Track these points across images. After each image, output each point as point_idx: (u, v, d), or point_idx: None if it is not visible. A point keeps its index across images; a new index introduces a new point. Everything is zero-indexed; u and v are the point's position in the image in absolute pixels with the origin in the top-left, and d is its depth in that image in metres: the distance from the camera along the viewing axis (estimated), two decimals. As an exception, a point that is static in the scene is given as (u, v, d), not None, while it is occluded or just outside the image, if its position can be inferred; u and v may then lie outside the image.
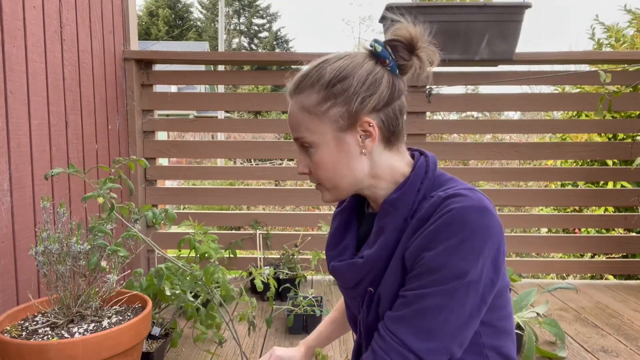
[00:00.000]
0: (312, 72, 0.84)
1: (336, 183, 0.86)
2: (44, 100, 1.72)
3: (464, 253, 0.72)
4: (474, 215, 0.74)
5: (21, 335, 1.19)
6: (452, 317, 0.72)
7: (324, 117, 0.82)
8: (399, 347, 0.73)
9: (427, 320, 0.72)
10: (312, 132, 0.83)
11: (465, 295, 0.72)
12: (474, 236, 0.73)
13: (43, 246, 1.25)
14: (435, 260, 0.73)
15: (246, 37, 35.51)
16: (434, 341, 0.72)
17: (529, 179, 2.83)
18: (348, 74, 0.81)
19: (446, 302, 0.72)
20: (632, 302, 2.26)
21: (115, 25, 2.32)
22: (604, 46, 3.63)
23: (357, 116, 0.81)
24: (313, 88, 0.83)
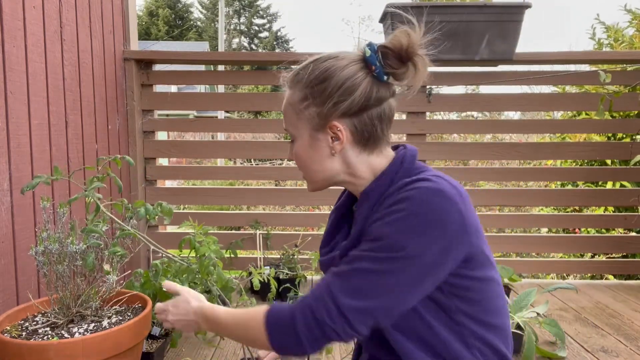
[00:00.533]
0: (303, 70, 0.88)
1: (309, 176, 0.92)
2: (44, 100, 1.72)
3: (405, 228, 0.74)
4: (427, 196, 0.75)
5: (21, 335, 1.19)
6: (381, 283, 0.74)
7: (302, 114, 0.87)
8: (328, 298, 0.76)
9: (357, 280, 0.75)
10: (293, 126, 0.90)
11: (398, 267, 0.74)
12: (422, 215, 0.74)
13: (43, 246, 1.25)
14: (379, 230, 0.76)
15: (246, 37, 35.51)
16: (360, 300, 0.74)
17: (529, 179, 2.83)
18: (329, 76, 0.84)
19: (377, 268, 0.74)
20: (632, 302, 2.26)
21: (115, 25, 2.32)
22: (604, 46, 3.63)
23: (328, 119, 0.85)
24: (300, 85, 0.88)
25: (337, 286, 0.76)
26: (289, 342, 0.79)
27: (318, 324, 0.76)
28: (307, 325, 0.76)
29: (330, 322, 0.75)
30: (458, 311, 0.79)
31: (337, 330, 0.75)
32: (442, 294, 0.78)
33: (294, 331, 0.77)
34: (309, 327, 0.76)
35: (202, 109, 2.73)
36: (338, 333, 0.75)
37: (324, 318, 0.75)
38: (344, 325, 0.75)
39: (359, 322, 0.75)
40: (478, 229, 0.80)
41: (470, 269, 0.79)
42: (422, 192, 0.76)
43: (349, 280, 0.76)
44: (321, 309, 0.76)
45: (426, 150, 2.55)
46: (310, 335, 0.76)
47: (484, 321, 0.81)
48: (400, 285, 0.74)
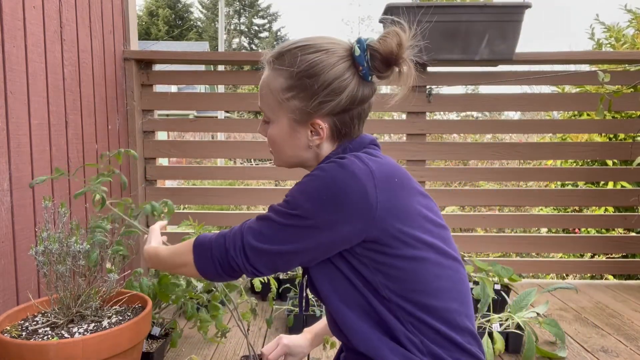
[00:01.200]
0: (289, 54, 0.87)
1: (279, 157, 0.95)
2: (44, 100, 1.72)
3: (305, 191, 0.81)
4: (334, 171, 0.80)
5: (21, 335, 1.19)
6: (278, 233, 0.82)
7: (284, 103, 0.88)
8: (238, 234, 0.85)
9: (263, 226, 0.83)
10: (271, 110, 0.91)
11: (291, 223, 0.80)
12: (322, 184, 0.79)
13: (43, 246, 1.25)
14: (290, 190, 0.84)
15: (246, 37, 35.51)
16: (259, 242, 0.82)
17: (529, 179, 2.83)
18: (317, 72, 0.84)
19: (277, 219, 0.82)
20: (632, 302, 2.26)
21: (115, 25, 2.32)
22: (604, 46, 3.63)
23: (311, 116, 0.86)
24: (283, 72, 0.87)
25: (248, 227, 0.85)
26: (208, 266, 0.88)
27: (226, 253, 0.85)
28: (219, 251, 0.86)
29: (233, 254, 0.84)
30: (384, 287, 0.81)
31: (238, 262, 0.84)
32: (367, 268, 0.81)
33: (211, 255, 0.87)
34: (220, 254, 0.86)
35: (202, 109, 2.73)
36: (238, 265, 0.85)
37: (229, 249, 0.85)
38: (244, 259, 0.84)
39: (257, 260, 0.83)
40: (404, 212, 0.81)
41: (388, 246, 0.80)
42: (331, 166, 0.80)
43: (258, 224, 0.84)
44: (230, 241, 0.85)
45: (426, 150, 2.55)
46: (222, 261, 0.86)
47: (414, 300, 0.81)
48: (293, 238, 0.81)
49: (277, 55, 0.89)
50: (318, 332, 1.22)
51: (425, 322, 0.81)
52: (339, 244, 0.81)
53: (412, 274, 0.81)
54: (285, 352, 1.18)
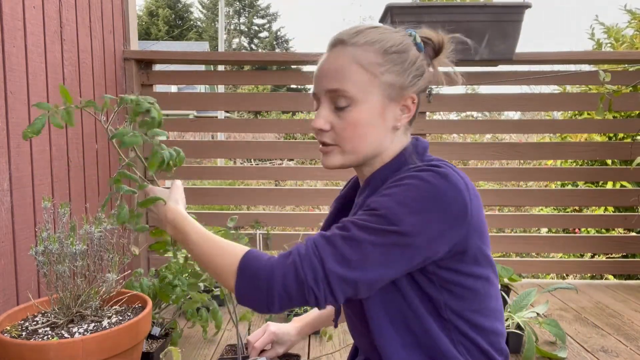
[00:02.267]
0: (369, 32, 0.82)
1: (357, 147, 0.82)
2: (44, 100, 1.72)
3: (404, 202, 0.71)
4: (432, 178, 0.73)
5: (21, 335, 1.19)
6: (371, 256, 0.71)
7: (378, 78, 0.80)
8: (315, 260, 0.72)
9: (347, 248, 0.71)
10: (360, 88, 0.80)
11: (390, 241, 0.71)
12: (423, 194, 0.72)
13: (43, 246, 1.25)
14: (377, 202, 0.74)
15: (246, 37, 35.51)
16: (348, 270, 0.71)
17: (529, 179, 2.83)
18: (405, 49, 0.82)
19: (369, 239, 0.71)
20: (632, 302, 2.26)
21: (115, 25, 2.32)
22: (604, 46, 3.63)
23: (406, 91, 0.82)
24: (372, 46, 0.81)
25: (326, 250, 0.72)
26: (257, 295, 0.73)
27: (299, 284, 0.72)
28: (285, 281, 0.72)
29: (313, 284, 0.71)
30: (446, 307, 0.78)
31: (317, 294, 0.71)
32: (434, 286, 0.77)
33: (268, 285, 0.72)
34: (287, 285, 0.72)
35: (202, 109, 2.73)
36: (317, 297, 0.72)
37: (307, 279, 0.71)
38: (326, 290, 0.71)
39: (341, 290, 0.72)
40: (482, 228, 0.78)
41: (464, 263, 0.77)
42: (428, 173, 0.73)
43: (339, 246, 0.72)
44: (307, 269, 0.71)
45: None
46: (285, 293, 0.72)
47: (472, 321, 0.80)
48: (389, 261, 0.71)
49: (356, 33, 0.82)
50: (308, 322, 1.16)
51: (476, 344, 0.80)
52: (429, 260, 0.74)
53: (476, 293, 0.80)
54: (272, 340, 1.12)
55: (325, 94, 0.82)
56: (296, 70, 3.09)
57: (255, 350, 1.11)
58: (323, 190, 2.63)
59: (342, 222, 0.76)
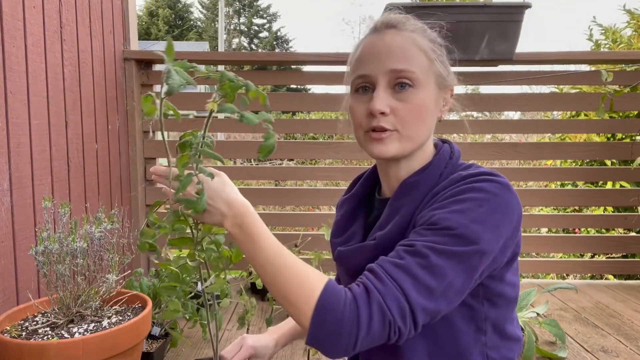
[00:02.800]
0: (413, 21, 0.83)
1: (417, 132, 0.79)
2: (44, 100, 1.72)
3: (480, 218, 0.68)
4: (498, 189, 0.71)
5: (21, 335, 1.19)
6: (456, 283, 0.67)
7: (432, 64, 0.80)
8: (398, 294, 0.65)
9: (431, 279, 0.66)
10: (422, 71, 0.78)
11: (471, 263, 0.67)
12: (493, 207, 0.69)
13: (43, 246, 1.25)
14: (451, 218, 0.68)
15: (246, 37, 35.51)
16: (432, 301, 0.66)
17: (529, 179, 2.83)
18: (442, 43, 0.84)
19: (455, 266, 0.66)
20: (632, 302, 2.26)
21: (115, 25, 2.32)
22: (601, 47, 3.64)
23: (447, 83, 0.83)
24: (423, 33, 0.81)
25: (407, 282, 0.66)
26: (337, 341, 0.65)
27: (386, 326, 0.65)
28: (371, 325, 0.65)
29: (401, 323, 0.65)
30: (485, 318, 0.76)
31: (403, 331, 0.66)
32: (477, 298, 0.75)
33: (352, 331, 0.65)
34: (373, 329, 0.65)
35: (202, 109, 2.73)
36: (401, 334, 0.66)
37: (396, 320, 0.65)
38: (412, 326, 0.66)
39: (423, 321, 0.67)
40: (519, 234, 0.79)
41: (509, 272, 0.77)
42: (492, 185, 0.71)
43: (419, 276, 0.66)
44: (394, 309, 0.65)
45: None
46: (369, 337, 0.65)
47: (503, 331, 0.79)
48: (470, 283, 0.69)
49: (405, 19, 0.82)
50: (284, 333, 1.09)
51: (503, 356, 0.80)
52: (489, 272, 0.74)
53: (509, 301, 0.79)
54: (250, 355, 1.05)
55: (386, 74, 0.77)
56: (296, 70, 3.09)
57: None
58: (323, 190, 2.63)
59: (414, 245, 0.69)
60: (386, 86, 0.78)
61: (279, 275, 0.69)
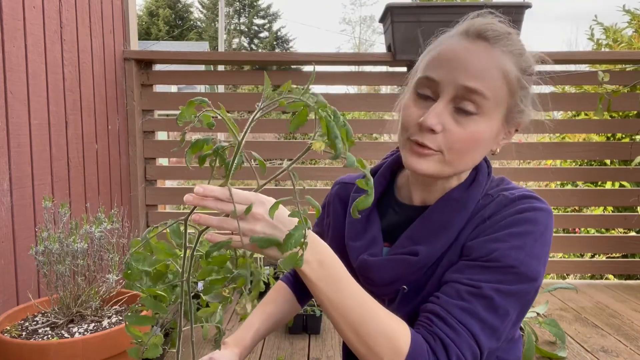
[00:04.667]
0: (512, 39, 0.73)
1: (461, 162, 0.73)
2: (44, 100, 1.72)
3: (538, 254, 0.69)
4: (544, 219, 0.71)
5: (21, 335, 1.19)
6: (513, 317, 0.69)
7: (511, 96, 0.71)
8: (471, 340, 0.66)
9: (496, 319, 0.67)
10: (495, 99, 0.70)
11: (530, 298, 0.69)
12: (544, 240, 0.70)
13: (43, 246, 1.25)
14: (512, 255, 0.67)
15: (246, 37, 35.52)
16: (494, 340, 0.68)
17: (529, 179, 2.83)
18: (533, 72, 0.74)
19: (515, 303, 0.68)
20: (632, 302, 2.26)
21: (115, 25, 2.32)
22: (602, 47, 3.64)
23: (520, 118, 0.75)
24: (515, 58, 0.72)
25: (475, 327, 0.66)
26: None
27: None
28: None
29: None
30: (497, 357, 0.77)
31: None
32: None
33: None
34: None
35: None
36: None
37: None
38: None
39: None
40: None
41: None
42: (541, 213, 0.71)
43: (486, 319, 0.67)
44: (469, 356, 0.66)
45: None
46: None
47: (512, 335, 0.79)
48: (521, 315, 0.71)
49: (501, 36, 0.73)
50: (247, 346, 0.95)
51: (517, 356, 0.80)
52: None
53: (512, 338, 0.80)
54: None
55: (454, 87, 0.69)
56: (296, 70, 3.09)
57: None
58: (323, 191, 2.63)
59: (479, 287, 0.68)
60: (449, 101, 0.70)
61: (364, 325, 0.65)
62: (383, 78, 2.57)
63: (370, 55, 2.77)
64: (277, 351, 1.73)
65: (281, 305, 1.00)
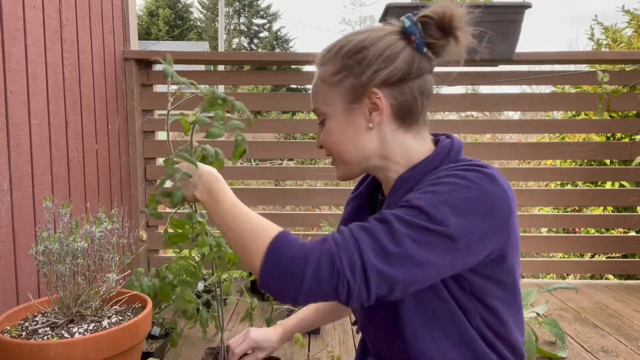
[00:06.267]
0: (336, 44, 0.84)
1: (343, 157, 0.84)
2: (44, 100, 1.72)
3: (452, 203, 0.68)
4: (480, 179, 0.70)
5: (21, 335, 1.19)
6: (416, 255, 0.66)
7: (336, 87, 0.81)
8: (353, 250, 0.67)
9: (390, 243, 0.66)
10: (326, 103, 0.83)
11: (433, 242, 0.67)
12: (472, 194, 0.69)
13: (43, 246, 1.25)
14: (420, 198, 0.69)
15: (246, 37, 35.52)
16: (386, 265, 0.66)
17: (529, 179, 2.83)
18: (367, 46, 0.79)
19: (417, 238, 0.67)
20: (632, 302, 2.26)
21: (115, 25, 2.32)
22: (602, 46, 3.64)
23: (367, 87, 0.79)
24: (334, 59, 0.82)
25: (365, 240, 0.67)
26: (285, 281, 0.68)
27: (334, 273, 0.66)
28: (319, 267, 0.66)
29: (350, 275, 0.66)
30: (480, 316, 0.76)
31: (352, 285, 0.66)
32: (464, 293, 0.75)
33: (299, 270, 0.67)
34: (320, 271, 0.66)
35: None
36: (350, 288, 0.66)
37: (344, 269, 0.66)
38: (362, 282, 0.66)
39: (376, 285, 0.66)
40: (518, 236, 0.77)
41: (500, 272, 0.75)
42: (475, 174, 0.71)
43: (379, 238, 0.67)
44: (344, 257, 0.66)
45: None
46: (316, 280, 0.66)
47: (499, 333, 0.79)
48: (430, 262, 0.67)
49: (324, 52, 0.85)
50: (289, 328, 1.18)
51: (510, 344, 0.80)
52: (469, 265, 0.72)
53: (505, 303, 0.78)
54: (251, 346, 1.16)
55: (314, 113, 0.87)
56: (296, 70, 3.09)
57: (235, 356, 1.15)
58: (323, 190, 2.63)
59: (382, 214, 0.71)
60: (319, 122, 0.87)
61: (239, 229, 0.76)
62: (383, 78, 2.57)
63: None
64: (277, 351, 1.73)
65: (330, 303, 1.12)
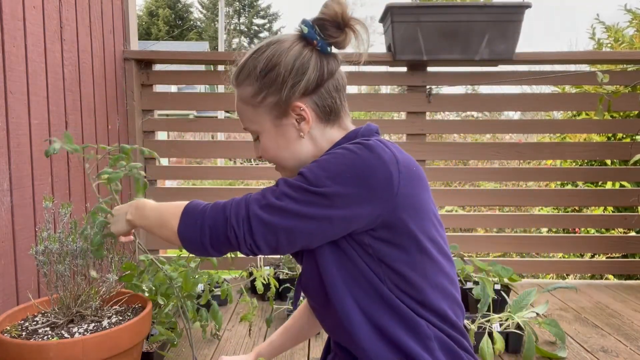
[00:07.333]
0: (247, 64, 0.88)
1: (283, 165, 0.91)
2: (44, 100, 1.72)
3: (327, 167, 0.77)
4: (359, 150, 0.77)
5: (21, 335, 1.19)
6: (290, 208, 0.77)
7: (260, 107, 0.87)
8: (242, 204, 0.80)
9: (272, 198, 0.78)
10: (253, 122, 0.89)
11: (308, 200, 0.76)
12: (347, 162, 0.76)
13: (43, 246, 1.25)
14: (307, 167, 0.80)
15: (246, 37, 35.51)
16: (266, 213, 0.78)
17: (529, 179, 2.83)
18: (276, 63, 0.85)
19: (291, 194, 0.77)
20: (632, 302, 2.26)
21: (115, 25, 2.32)
22: (604, 46, 3.64)
23: (289, 103, 0.85)
24: (248, 80, 0.88)
25: (254, 197, 0.80)
26: (193, 234, 0.82)
27: (224, 222, 0.79)
28: (214, 220, 0.80)
29: (235, 223, 0.79)
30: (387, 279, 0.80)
31: (238, 233, 0.78)
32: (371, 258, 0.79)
33: (201, 223, 0.81)
34: (215, 223, 0.80)
35: (202, 109, 2.73)
36: (237, 236, 0.78)
37: (230, 217, 0.79)
38: (246, 231, 0.78)
39: (260, 234, 0.78)
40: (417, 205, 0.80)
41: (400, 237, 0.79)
42: (355, 145, 0.78)
43: (265, 196, 0.79)
44: (232, 209, 0.80)
45: (426, 150, 2.55)
46: (214, 231, 0.80)
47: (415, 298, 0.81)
48: (306, 215, 0.76)
49: (237, 73, 0.90)
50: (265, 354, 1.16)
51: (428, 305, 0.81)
52: (352, 225, 0.78)
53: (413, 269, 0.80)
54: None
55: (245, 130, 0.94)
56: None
57: None
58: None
59: (277, 180, 0.83)
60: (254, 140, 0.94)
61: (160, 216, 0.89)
62: (383, 78, 2.57)
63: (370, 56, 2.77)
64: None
65: (298, 319, 1.15)
